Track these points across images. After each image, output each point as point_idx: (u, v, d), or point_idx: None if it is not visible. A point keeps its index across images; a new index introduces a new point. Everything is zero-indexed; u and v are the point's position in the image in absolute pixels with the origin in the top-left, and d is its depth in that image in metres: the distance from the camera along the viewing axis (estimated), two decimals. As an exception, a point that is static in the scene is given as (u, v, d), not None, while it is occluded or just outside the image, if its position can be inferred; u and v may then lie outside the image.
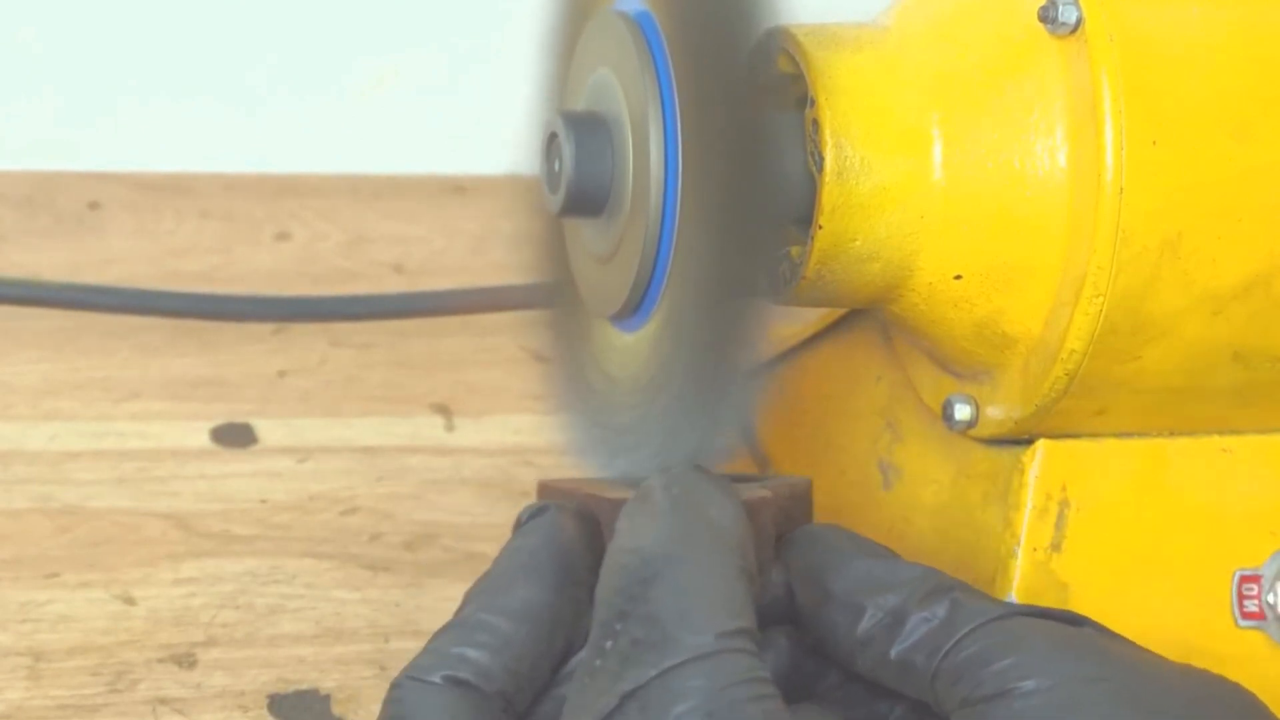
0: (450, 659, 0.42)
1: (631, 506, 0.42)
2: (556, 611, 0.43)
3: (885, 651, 0.42)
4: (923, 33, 0.48)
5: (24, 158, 0.86)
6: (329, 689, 0.55)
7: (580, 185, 0.48)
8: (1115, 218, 0.45)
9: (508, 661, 0.42)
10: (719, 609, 0.40)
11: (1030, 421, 0.48)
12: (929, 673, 0.41)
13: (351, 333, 0.75)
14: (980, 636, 0.41)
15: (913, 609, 0.42)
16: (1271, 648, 0.50)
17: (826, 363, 0.57)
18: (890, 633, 0.42)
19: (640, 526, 0.42)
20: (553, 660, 0.43)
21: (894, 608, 0.42)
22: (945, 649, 0.41)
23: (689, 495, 0.42)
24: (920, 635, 0.42)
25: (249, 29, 0.89)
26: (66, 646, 0.56)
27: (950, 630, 0.42)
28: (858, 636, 0.43)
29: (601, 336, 0.51)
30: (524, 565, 0.44)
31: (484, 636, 0.43)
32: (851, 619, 0.43)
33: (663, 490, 0.42)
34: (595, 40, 0.50)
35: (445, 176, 0.90)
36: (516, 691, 0.42)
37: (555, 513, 0.45)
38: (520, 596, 0.43)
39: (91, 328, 0.73)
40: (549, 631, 0.43)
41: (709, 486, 0.43)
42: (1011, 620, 0.41)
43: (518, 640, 0.43)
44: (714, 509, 0.42)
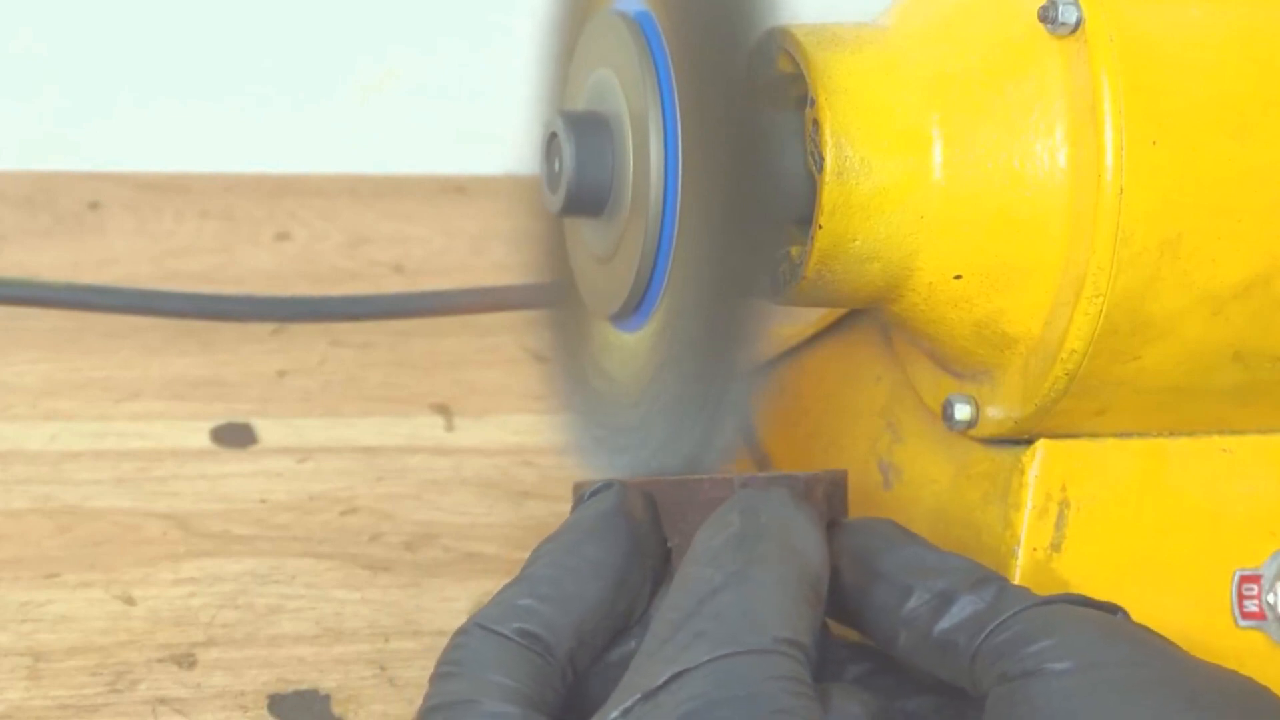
0: (519, 611, 0.43)
1: (716, 524, 0.43)
2: (623, 574, 0.44)
3: (928, 630, 0.43)
4: (923, 33, 0.48)
5: (24, 158, 0.86)
6: (329, 689, 0.55)
7: (580, 185, 0.48)
8: (1115, 218, 0.45)
9: (573, 619, 0.43)
10: (781, 621, 0.41)
11: (1030, 421, 0.48)
12: (969, 652, 0.42)
13: (351, 333, 0.75)
14: (1023, 619, 0.42)
15: (962, 592, 0.43)
16: (1271, 648, 0.50)
17: (826, 363, 0.57)
18: (936, 613, 0.43)
19: (723, 543, 0.43)
20: (615, 621, 0.44)
21: (942, 590, 0.43)
22: (988, 629, 0.42)
23: (775, 525, 0.43)
24: (965, 616, 0.43)
25: (249, 29, 0.89)
26: (66, 646, 0.56)
27: (995, 612, 0.42)
28: (902, 615, 0.43)
29: (601, 336, 0.51)
30: (592, 528, 0.44)
31: (555, 591, 0.43)
32: (899, 598, 0.44)
33: (751, 516, 0.43)
34: (595, 40, 0.50)
35: (445, 176, 0.90)
36: (579, 647, 0.43)
37: (620, 487, 0.45)
38: (589, 556, 0.44)
39: (91, 328, 0.73)
40: (614, 593, 0.44)
41: (799, 518, 0.43)
42: (1055, 606, 0.42)
43: (585, 597, 0.43)
44: (798, 538, 0.43)
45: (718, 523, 0.43)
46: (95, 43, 0.88)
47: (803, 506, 0.44)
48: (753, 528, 0.43)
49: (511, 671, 0.42)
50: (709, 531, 0.43)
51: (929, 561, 0.44)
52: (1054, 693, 0.40)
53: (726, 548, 0.42)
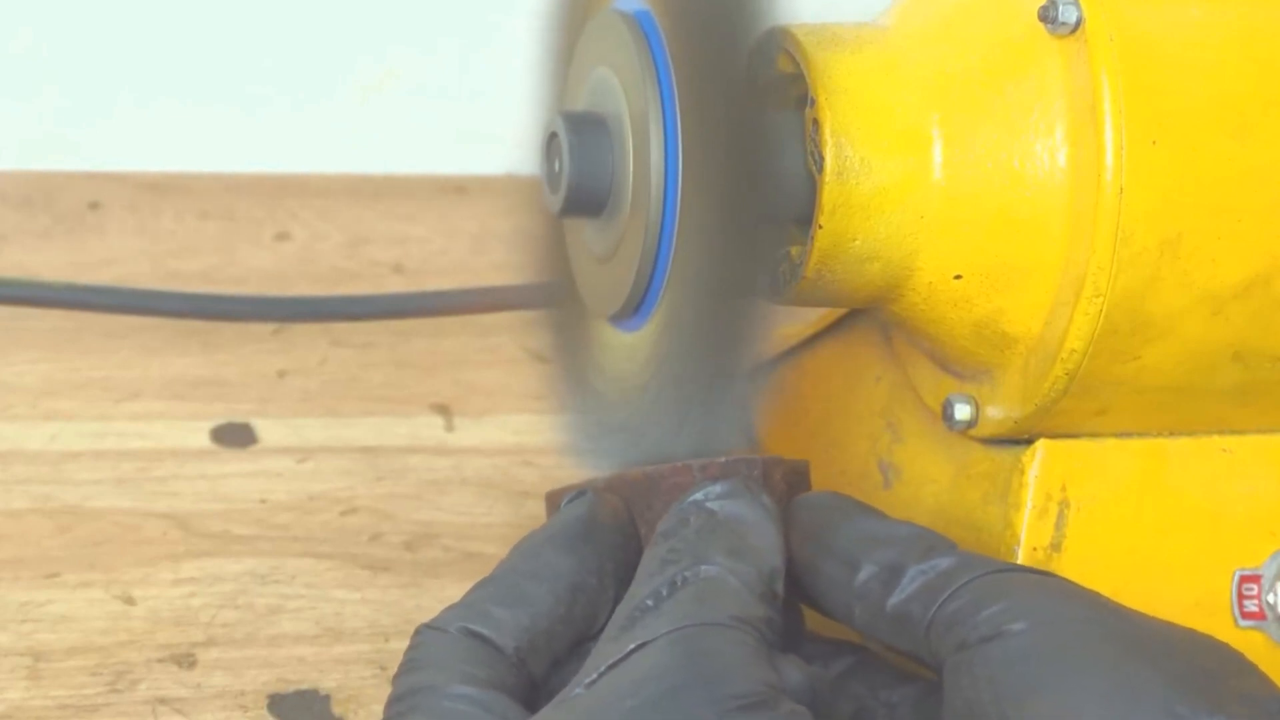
0: (471, 612, 0.44)
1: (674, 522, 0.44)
2: (581, 579, 0.45)
3: (881, 604, 0.43)
4: (923, 33, 0.48)
5: (24, 158, 0.86)
6: (329, 689, 0.55)
7: (580, 185, 0.48)
8: (1115, 218, 0.45)
9: (523, 619, 0.44)
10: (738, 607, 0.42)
11: (1030, 421, 0.48)
12: (924, 623, 0.42)
13: (351, 333, 0.75)
14: (974, 587, 0.42)
15: (910, 562, 0.43)
16: (1271, 648, 0.50)
17: (826, 363, 0.57)
18: (887, 586, 0.43)
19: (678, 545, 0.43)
20: (573, 628, 0.45)
21: (891, 562, 0.43)
22: (941, 599, 0.42)
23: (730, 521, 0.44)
24: (917, 586, 0.43)
25: (249, 29, 0.89)
26: (66, 646, 0.56)
27: (947, 581, 0.42)
28: (854, 589, 0.44)
29: (601, 336, 0.51)
30: (556, 534, 0.46)
31: (505, 594, 0.44)
32: (848, 573, 0.44)
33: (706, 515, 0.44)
34: (595, 40, 0.50)
35: (445, 176, 0.90)
36: (531, 651, 0.44)
37: (591, 495, 0.46)
38: (546, 561, 0.45)
39: (91, 328, 0.73)
40: (570, 596, 0.44)
41: (752, 511, 0.44)
42: (1005, 573, 0.43)
43: (537, 600, 0.44)
44: (754, 536, 0.44)
45: (675, 519, 0.44)
46: (95, 43, 0.88)
47: (759, 500, 0.45)
48: (707, 526, 0.44)
49: (466, 661, 0.43)
50: (667, 527, 0.44)
51: (876, 532, 0.44)
52: (1012, 653, 0.40)
53: (683, 544, 0.43)
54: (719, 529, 0.44)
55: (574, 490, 0.47)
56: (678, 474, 0.46)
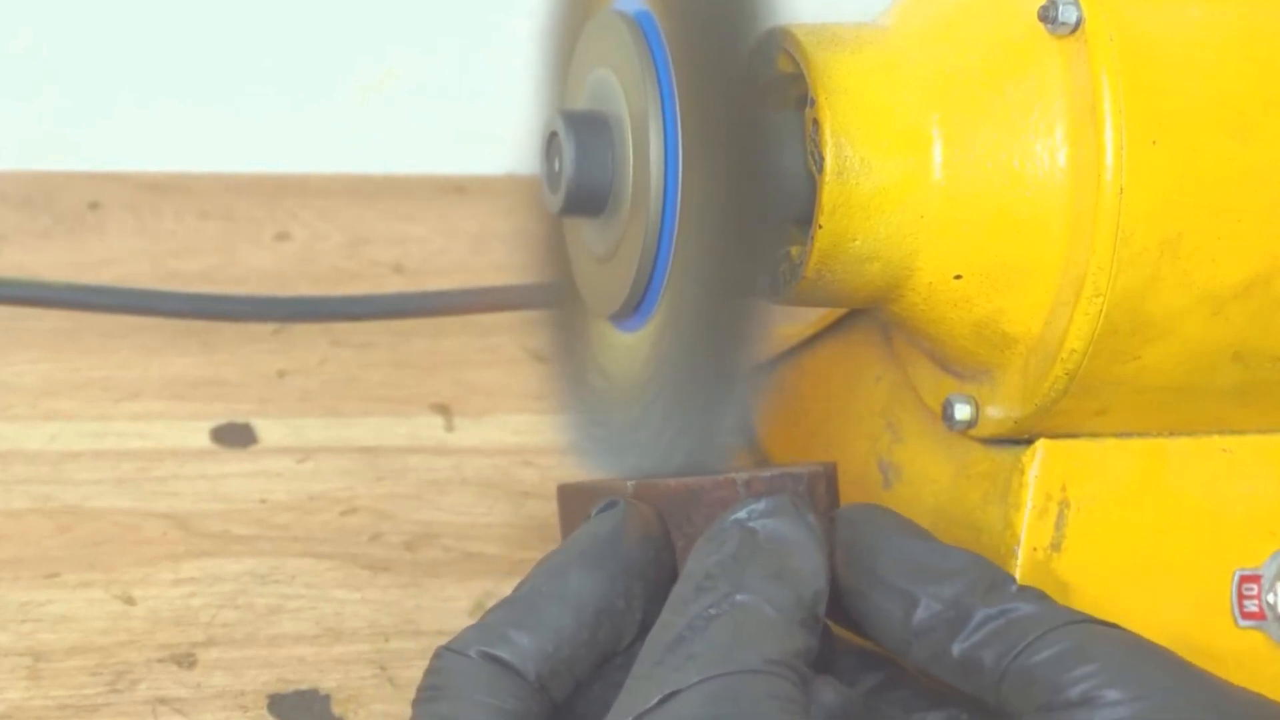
0: (493, 636, 0.43)
1: (712, 542, 0.43)
2: (608, 602, 0.44)
3: (945, 646, 0.42)
4: (923, 33, 0.48)
5: (24, 158, 0.86)
6: (329, 689, 0.55)
7: (580, 185, 0.48)
8: (1115, 218, 0.45)
9: (547, 645, 0.43)
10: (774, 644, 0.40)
11: (1030, 421, 0.48)
12: (997, 672, 0.41)
13: (351, 333, 0.75)
14: (1053, 641, 0.41)
15: (978, 604, 0.42)
16: (1271, 648, 0.50)
17: (826, 363, 0.57)
18: (952, 627, 0.42)
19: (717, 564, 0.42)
20: (596, 650, 0.44)
21: (953, 599, 0.42)
22: (1016, 651, 0.41)
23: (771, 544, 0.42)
24: (987, 633, 0.42)
25: (249, 29, 0.89)
26: (66, 646, 0.56)
27: (1022, 632, 0.41)
28: (913, 626, 0.43)
29: (601, 336, 0.51)
30: (583, 553, 0.44)
31: (530, 618, 0.43)
32: (904, 608, 0.43)
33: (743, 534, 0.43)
34: (595, 40, 0.50)
35: (445, 176, 0.90)
36: (553, 676, 0.43)
37: (623, 507, 0.45)
38: (573, 582, 0.44)
39: (91, 328, 0.73)
40: (594, 620, 0.43)
41: (796, 531, 0.43)
42: (1083, 627, 0.42)
43: (562, 625, 0.43)
44: (796, 558, 0.42)
45: (714, 540, 0.43)
46: (95, 43, 0.88)
47: (804, 518, 0.43)
48: (747, 548, 0.42)
49: (489, 691, 0.42)
50: (704, 549, 0.43)
51: (929, 560, 0.44)
52: None
53: (720, 570, 0.42)
54: (759, 551, 0.42)
55: (603, 500, 0.46)
56: (720, 488, 0.44)
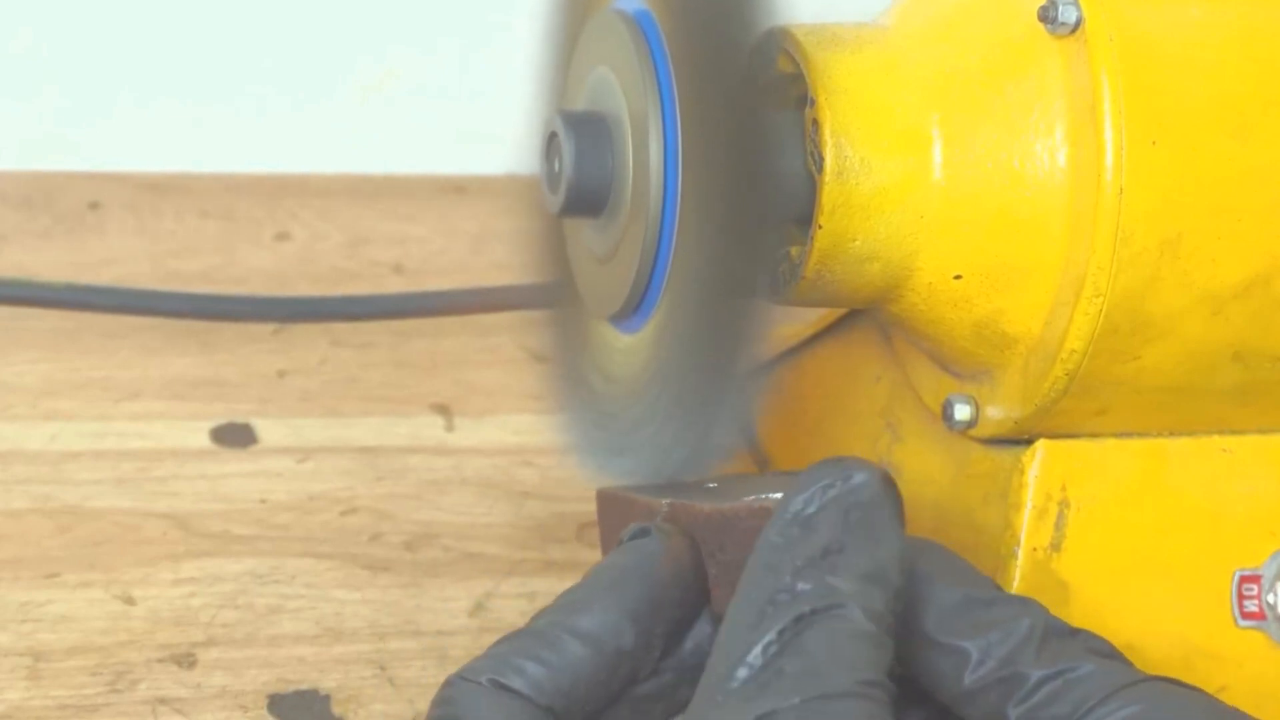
0: (507, 667, 0.42)
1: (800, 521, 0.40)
2: (627, 642, 0.42)
3: (1001, 709, 0.41)
4: (923, 33, 0.48)
5: (24, 158, 0.86)
6: (329, 689, 0.55)
7: (580, 185, 0.48)
8: (1115, 218, 0.45)
9: (563, 683, 0.41)
10: (866, 661, 0.39)
11: (1030, 421, 0.48)
12: None
13: (351, 333, 0.75)
14: (1119, 704, 0.40)
15: (1031, 665, 0.41)
16: (1271, 648, 0.50)
17: (826, 363, 0.57)
18: (1006, 688, 0.41)
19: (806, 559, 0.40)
20: (611, 688, 0.42)
21: (1006, 657, 0.41)
22: (1079, 716, 0.40)
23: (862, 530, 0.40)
24: (1046, 694, 0.40)
25: (249, 29, 0.89)
26: (66, 646, 0.56)
27: (1083, 695, 0.40)
28: (965, 686, 0.41)
29: (601, 337, 0.51)
30: (608, 588, 0.43)
31: (546, 652, 0.42)
32: (955, 665, 0.41)
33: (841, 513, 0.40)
34: (595, 39, 0.50)
35: (445, 176, 0.90)
36: (565, 712, 0.42)
37: (656, 538, 0.44)
38: (595, 620, 0.42)
39: (91, 328, 0.73)
40: (613, 660, 0.42)
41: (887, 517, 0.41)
42: (1146, 686, 0.40)
43: (579, 663, 0.42)
44: (884, 549, 0.40)
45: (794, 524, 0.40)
46: (95, 43, 0.88)
47: (892, 499, 0.41)
48: (836, 538, 0.40)
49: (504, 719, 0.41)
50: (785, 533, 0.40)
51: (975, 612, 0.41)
52: None
53: (810, 566, 0.39)
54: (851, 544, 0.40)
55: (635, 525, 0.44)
56: (756, 516, 0.42)
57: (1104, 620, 0.46)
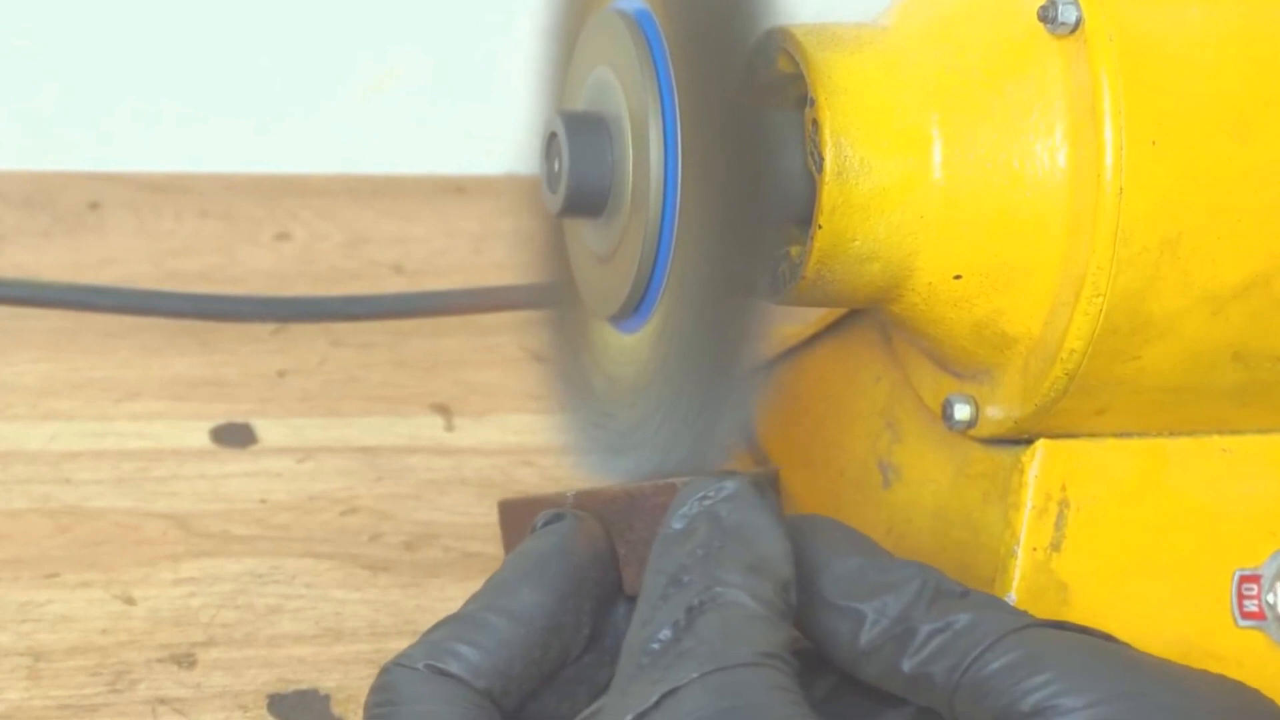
0: (441, 651, 0.43)
1: (679, 528, 0.42)
2: (557, 619, 0.44)
3: (895, 663, 0.42)
4: (922, 33, 0.48)
5: (24, 158, 0.86)
6: (329, 689, 0.55)
7: (580, 185, 0.48)
8: (1115, 218, 0.45)
9: (499, 662, 0.43)
10: (762, 637, 0.40)
11: (1030, 421, 0.48)
12: (949, 687, 0.41)
13: (351, 333, 0.75)
14: (1004, 650, 0.41)
15: (921, 618, 0.42)
16: (1271, 648, 0.50)
17: (826, 363, 0.57)
18: (899, 644, 0.42)
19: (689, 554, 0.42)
20: (545, 666, 0.44)
21: (899, 615, 0.42)
22: (966, 664, 0.41)
23: (739, 530, 0.42)
24: (935, 647, 0.41)
25: (249, 29, 0.89)
26: (66, 646, 0.56)
27: (970, 643, 0.41)
28: (861, 646, 0.42)
29: (601, 337, 0.51)
30: (532, 569, 0.44)
31: (479, 635, 0.43)
32: (851, 626, 0.42)
33: (713, 521, 0.42)
34: (595, 39, 0.50)
35: (445, 176, 0.90)
36: (504, 693, 0.43)
37: (570, 520, 0.45)
38: (523, 599, 0.43)
39: (91, 328, 0.73)
40: (545, 637, 0.43)
41: (759, 516, 0.42)
42: (1029, 632, 0.41)
43: (513, 642, 0.43)
44: (764, 544, 0.42)
45: (679, 530, 0.42)
46: (95, 43, 0.88)
47: (765, 501, 0.43)
48: (717, 538, 0.42)
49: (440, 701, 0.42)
50: (672, 540, 0.42)
51: (870, 576, 0.43)
52: None
53: (693, 562, 0.41)
54: (730, 541, 0.42)
55: (548, 511, 0.46)
56: (661, 493, 0.44)
57: (1104, 620, 0.46)
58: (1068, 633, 0.42)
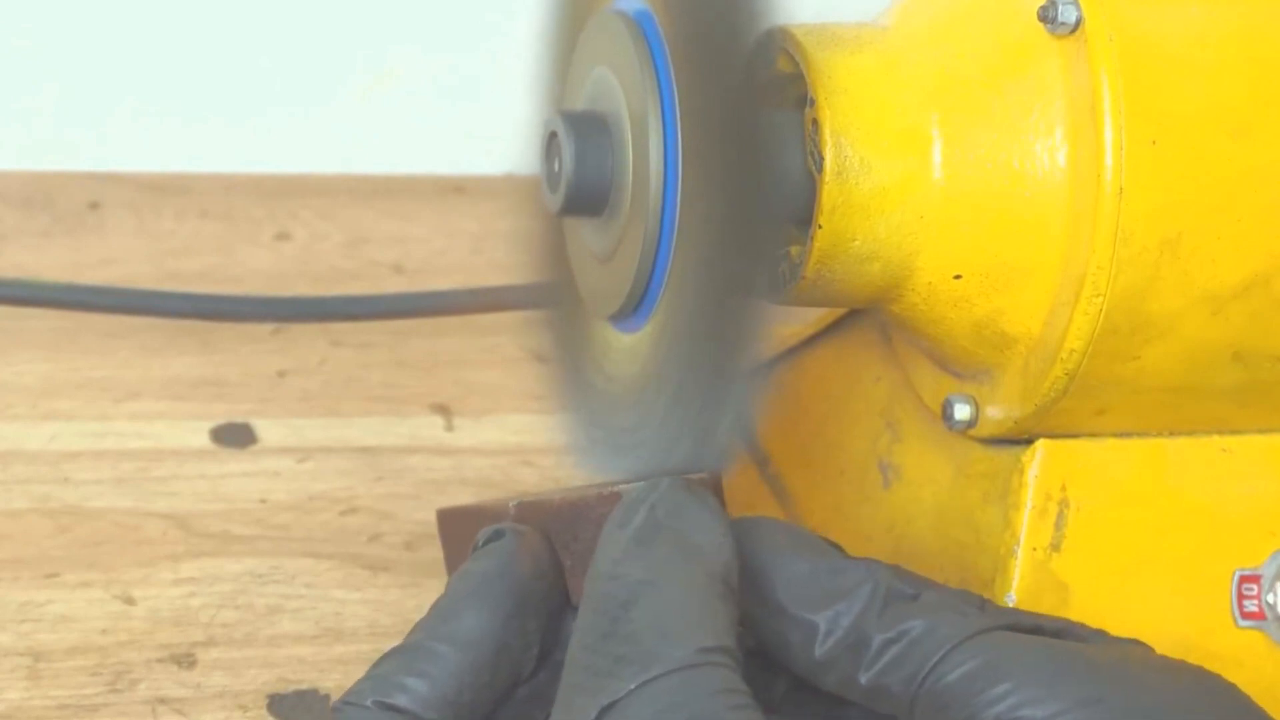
0: (389, 685, 0.42)
1: (615, 526, 0.42)
2: (503, 641, 0.43)
3: (853, 676, 0.41)
4: (923, 33, 0.48)
5: (24, 158, 0.86)
6: (329, 689, 0.55)
7: (580, 185, 0.48)
8: (1115, 218, 0.45)
9: (448, 692, 0.42)
10: (699, 628, 0.39)
11: (1030, 421, 0.48)
12: (907, 699, 0.41)
13: (351, 333, 0.75)
14: (960, 659, 0.40)
15: (874, 629, 0.41)
16: (1271, 648, 0.50)
17: (826, 363, 0.57)
18: (854, 655, 0.41)
19: (623, 550, 0.41)
20: (496, 690, 0.43)
21: (851, 625, 0.41)
22: (922, 675, 0.40)
23: (673, 519, 0.42)
24: (890, 658, 0.41)
25: (249, 29, 0.89)
26: (66, 646, 0.56)
27: (924, 654, 0.40)
28: (816, 658, 0.42)
29: (601, 337, 0.51)
30: (474, 592, 0.44)
31: (426, 665, 0.43)
32: (805, 637, 0.42)
33: (647, 512, 0.42)
34: (595, 39, 0.50)
35: (445, 176, 0.90)
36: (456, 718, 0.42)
37: (511, 537, 0.45)
38: (467, 624, 0.43)
39: (91, 328, 0.73)
40: (493, 660, 0.43)
41: (696, 509, 0.42)
42: (985, 638, 0.41)
43: (460, 669, 0.42)
44: (699, 534, 0.41)
45: (614, 527, 0.42)
46: (95, 43, 0.88)
47: (697, 493, 0.42)
48: (649, 529, 0.41)
49: None
50: (607, 540, 0.42)
51: (821, 582, 0.42)
52: None
53: (626, 556, 0.41)
54: (661, 531, 0.41)
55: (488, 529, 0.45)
56: (605, 502, 0.44)
57: (1103, 620, 0.46)
58: (1022, 635, 0.41)
